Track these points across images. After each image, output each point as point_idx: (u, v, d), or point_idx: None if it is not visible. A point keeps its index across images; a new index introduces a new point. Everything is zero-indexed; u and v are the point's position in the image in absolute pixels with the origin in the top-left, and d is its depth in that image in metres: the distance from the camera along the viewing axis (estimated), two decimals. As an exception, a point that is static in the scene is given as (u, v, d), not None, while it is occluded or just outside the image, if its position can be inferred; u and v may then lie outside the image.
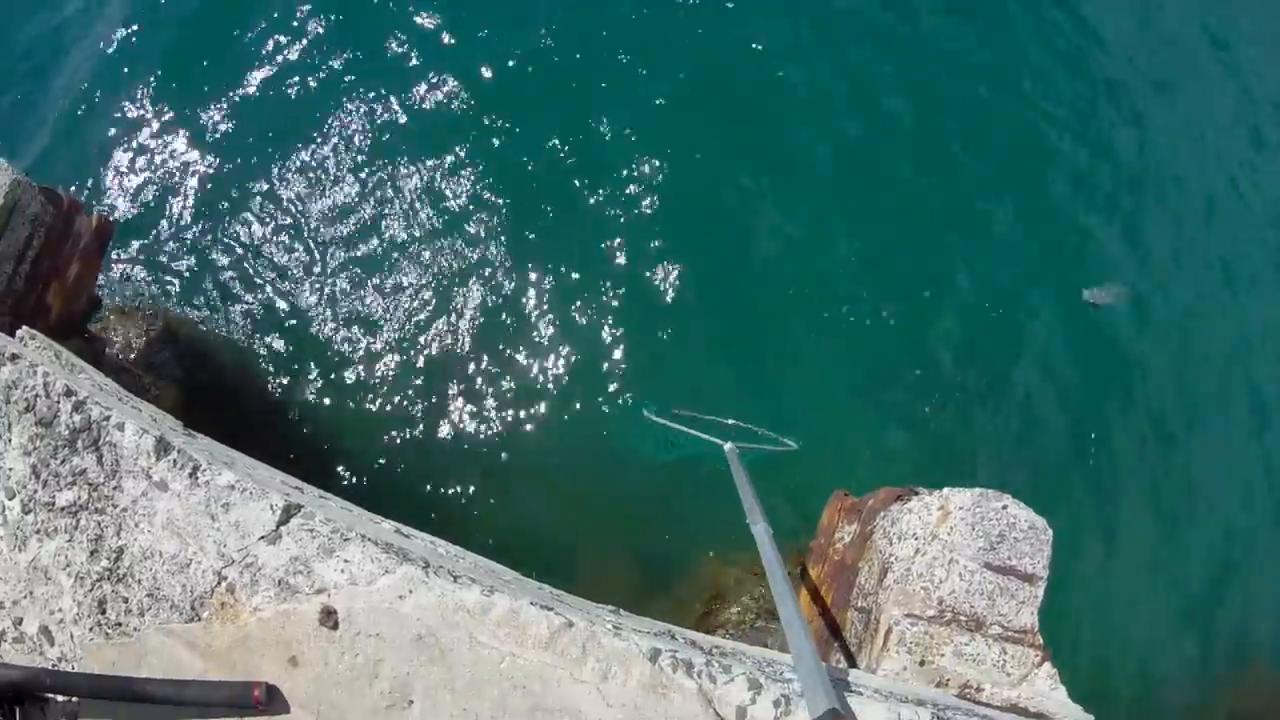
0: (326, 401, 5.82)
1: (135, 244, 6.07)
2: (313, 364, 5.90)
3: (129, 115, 6.51)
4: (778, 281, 6.55)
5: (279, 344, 5.93)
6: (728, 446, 4.03)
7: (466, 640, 2.24)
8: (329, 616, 2.38)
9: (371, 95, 6.71)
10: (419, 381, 5.93)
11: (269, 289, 6.06)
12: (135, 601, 2.68)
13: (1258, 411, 7.26)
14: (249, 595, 2.52)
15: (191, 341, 5.69)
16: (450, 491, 5.70)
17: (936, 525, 3.27)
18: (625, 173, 6.60)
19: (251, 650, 2.51)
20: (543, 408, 5.98)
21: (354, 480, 5.61)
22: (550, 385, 6.03)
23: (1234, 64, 8.18)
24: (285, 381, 5.84)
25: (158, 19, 6.87)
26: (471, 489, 5.74)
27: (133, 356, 5.25)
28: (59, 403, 2.85)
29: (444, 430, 5.84)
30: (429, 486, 5.69)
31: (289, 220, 6.26)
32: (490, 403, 5.93)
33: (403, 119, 6.63)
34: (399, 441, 5.79)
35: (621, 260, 6.43)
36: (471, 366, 6.02)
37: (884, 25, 7.60)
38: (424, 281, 6.19)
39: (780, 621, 2.53)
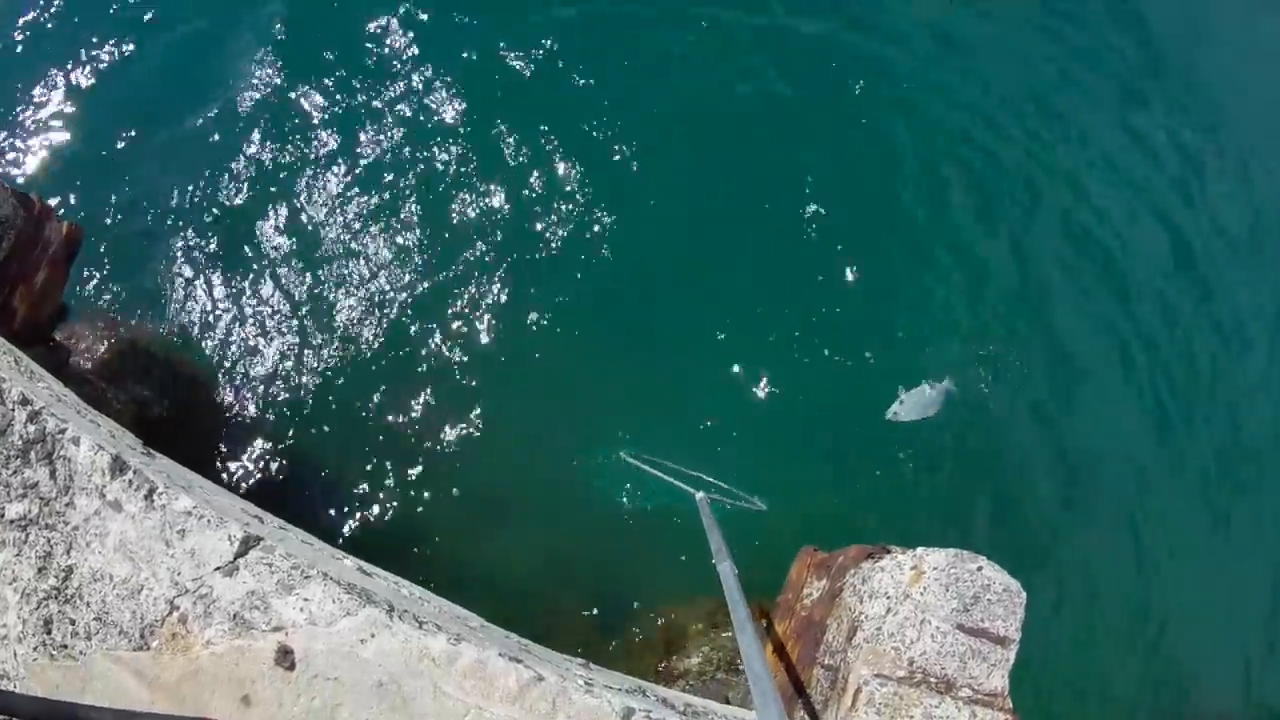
0: (292, 428, 5.65)
1: (104, 254, 5.90)
2: (279, 386, 5.74)
3: (102, 125, 6.36)
4: (750, 334, 6.48)
5: (244, 363, 5.76)
6: (699, 495, 3.99)
7: (430, 690, 2.15)
8: (285, 656, 2.28)
9: (354, 111, 6.60)
10: (389, 414, 5.77)
11: (237, 306, 5.91)
12: (83, 624, 2.57)
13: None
14: (202, 627, 2.41)
15: (156, 356, 5.53)
16: (416, 527, 5.53)
17: (909, 585, 3.23)
18: (610, 221, 6.56)
19: (202, 685, 2.39)
20: (512, 449, 5.86)
21: (316, 511, 5.45)
22: (521, 427, 5.91)
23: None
24: (250, 402, 5.68)
25: (136, 33, 6.77)
26: (438, 525, 5.58)
27: (95, 367, 5.10)
28: (14, 411, 2.74)
29: (411, 465, 5.67)
30: (395, 522, 5.52)
31: (260, 238, 6.12)
32: (459, 440, 5.79)
33: (387, 133, 6.52)
34: (366, 472, 5.62)
35: (595, 305, 6.37)
36: (443, 399, 5.87)
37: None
38: (398, 309, 6.06)
39: (741, 657, 2.48)
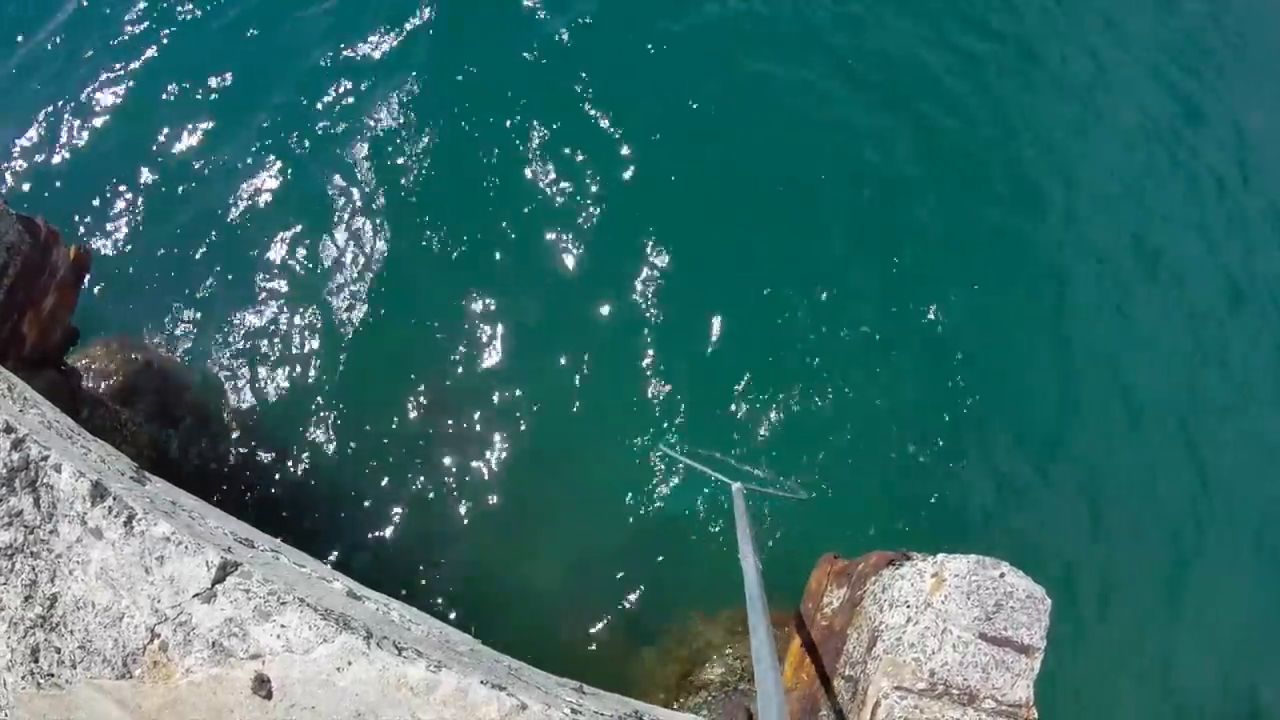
0: (306, 443, 5.60)
1: (115, 277, 5.91)
2: (293, 402, 5.70)
3: (109, 148, 6.38)
4: (785, 329, 6.35)
5: (257, 381, 5.73)
6: (736, 485, 3.86)
7: None
8: (262, 685, 2.19)
9: (371, 133, 6.58)
10: (409, 423, 5.70)
11: (248, 324, 5.89)
12: (68, 653, 2.51)
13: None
14: (181, 655, 2.33)
15: (169, 376, 5.51)
16: (438, 537, 5.45)
17: (930, 593, 3.07)
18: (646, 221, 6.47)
19: (181, 714, 2.32)
20: (531, 454, 5.76)
21: (329, 527, 5.38)
22: (537, 429, 5.82)
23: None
24: (263, 420, 5.65)
25: (143, 54, 6.79)
26: (460, 535, 5.49)
27: (109, 390, 5.10)
28: (-3, 440, 2.69)
29: (429, 479, 5.58)
30: (417, 533, 5.44)
31: (271, 257, 6.09)
32: (483, 447, 5.71)
33: (403, 145, 6.50)
34: (384, 485, 5.55)
35: (622, 299, 6.26)
36: (464, 408, 5.79)
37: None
38: (417, 321, 6.01)
39: (752, 655, 2.36)
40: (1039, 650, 3.15)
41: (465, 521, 5.54)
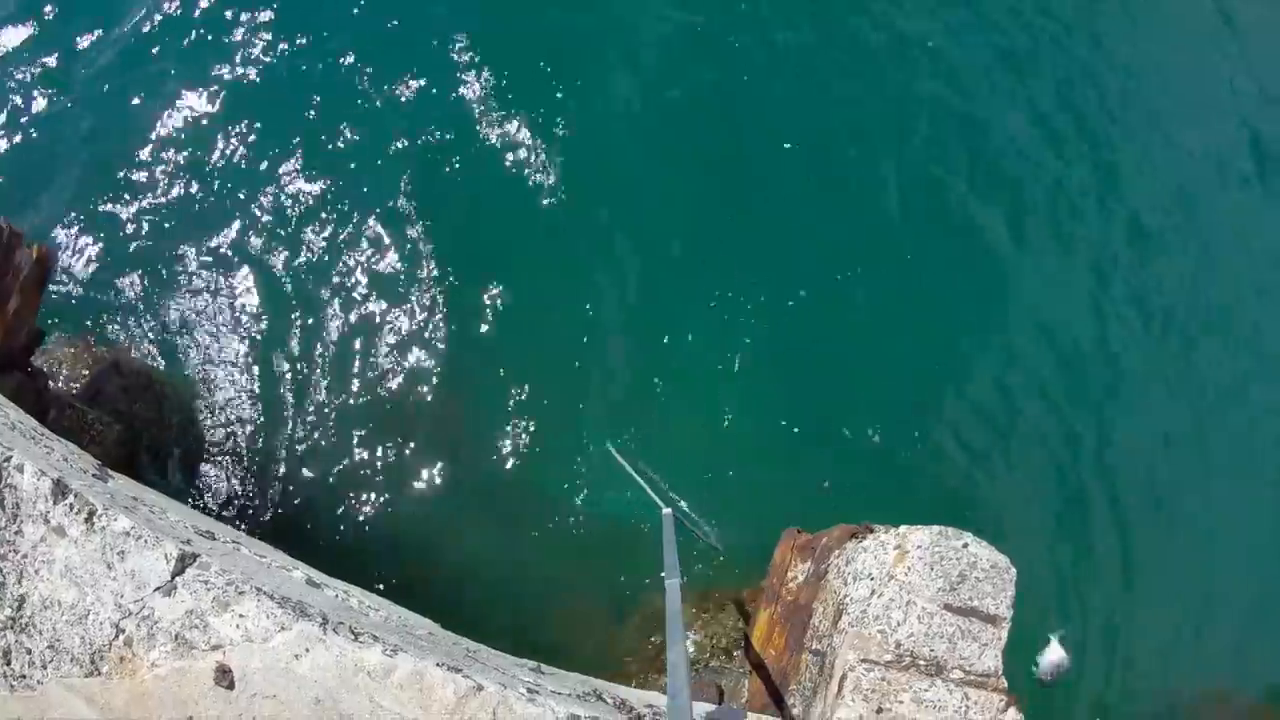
0: (270, 437, 5.60)
1: (78, 276, 5.88)
2: (258, 397, 5.69)
3: (69, 148, 6.30)
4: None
5: (224, 376, 5.72)
6: (666, 511, 3.89)
7: (367, 704, 2.07)
8: (224, 675, 2.21)
9: (341, 132, 6.51)
10: (367, 417, 5.68)
11: (215, 320, 5.86)
12: (38, 653, 2.51)
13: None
14: (146, 650, 2.35)
15: (137, 374, 5.49)
16: (399, 525, 5.44)
17: (893, 565, 3.10)
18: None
19: (149, 709, 2.33)
20: (506, 440, 5.76)
21: (288, 518, 5.40)
22: (517, 419, 5.82)
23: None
24: (229, 415, 5.64)
25: (99, 49, 6.70)
26: (422, 522, 5.48)
27: (76, 391, 5.08)
28: (-43, 443, 2.69)
29: (391, 464, 5.56)
30: (378, 522, 5.43)
31: (238, 253, 6.05)
32: (444, 441, 5.71)
33: (372, 154, 6.43)
34: (341, 479, 5.55)
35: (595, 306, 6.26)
36: (428, 397, 5.77)
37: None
38: (377, 315, 5.95)
39: (667, 670, 2.39)
40: (1005, 620, 3.18)
41: (432, 508, 5.54)
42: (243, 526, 5.27)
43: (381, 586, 2.89)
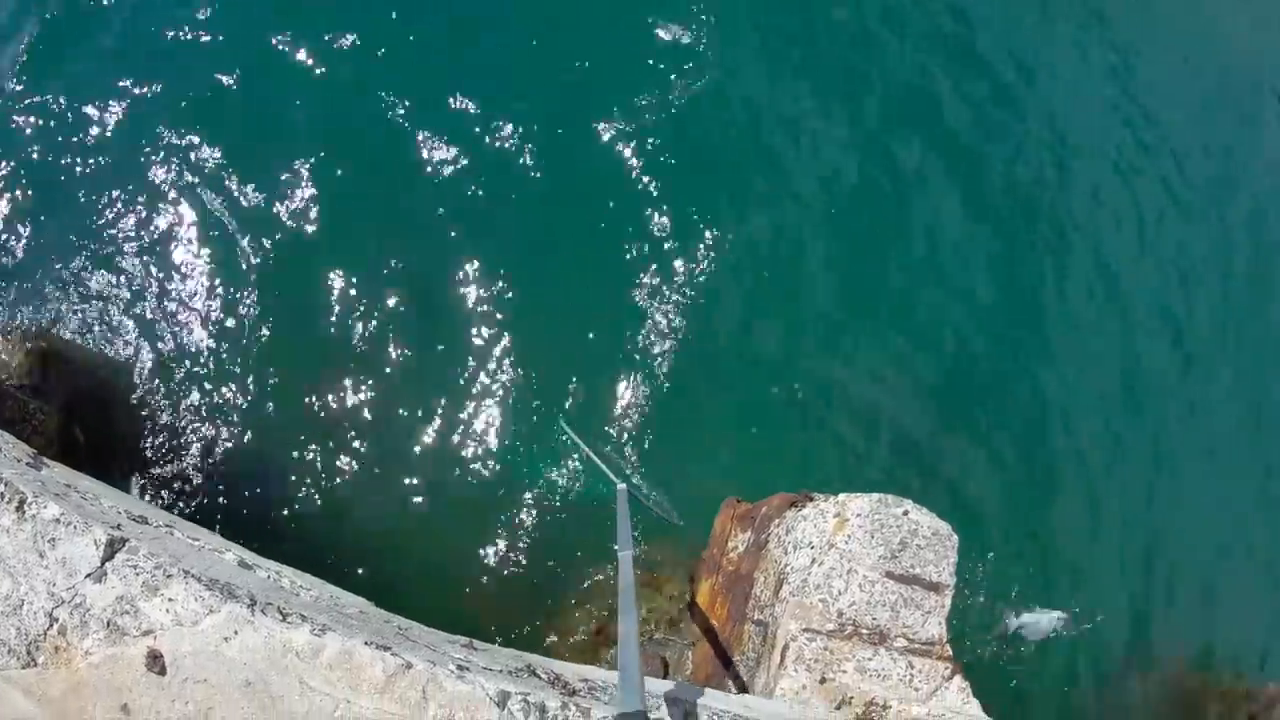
0: (210, 421, 5.55)
1: (12, 264, 5.78)
2: (199, 383, 5.63)
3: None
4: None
5: (164, 363, 5.64)
6: (621, 486, 3.91)
7: (297, 686, 2.07)
8: (155, 661, 2.20)
9: (270, 103, 6.40)
10: (310, 399, 5.62)
11: (154, 307, 5.77)
12: (-25, 646, 2.50)
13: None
14: (80, 638, 2.33)
15: (76, 362, 5.41)
16: (332, 507, 5.40)
17: (833, 533, 3.13)
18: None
19: (85, 698, 2.32)
20: (437, 418, 5.72)
21: (226, 501, 5.37)
22: (455, 395, 5.78)
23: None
24: (169, 401, 5.58)
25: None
26: (357, 504, 5.46)
27: (16, 381, 5.01)
28: (-112, 435, 2.66)
29: (330, 448, 5.53)
30: (307, 505, 5.39)
31: (175, 240, 5.94)
32: (379, 421, 5.66)
33: (301, 125, 6.32)
34: (281, 459, 5.49)
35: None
36: (367, 376, 5.74)
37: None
38: (318, 296, 5.90)
39: (618, 641, 2.42)
40: (949, 587, 3.22)
41: (370, 488, 5.51)
42: (183, 511, 5.26)
43: (317, 566, 2.89)
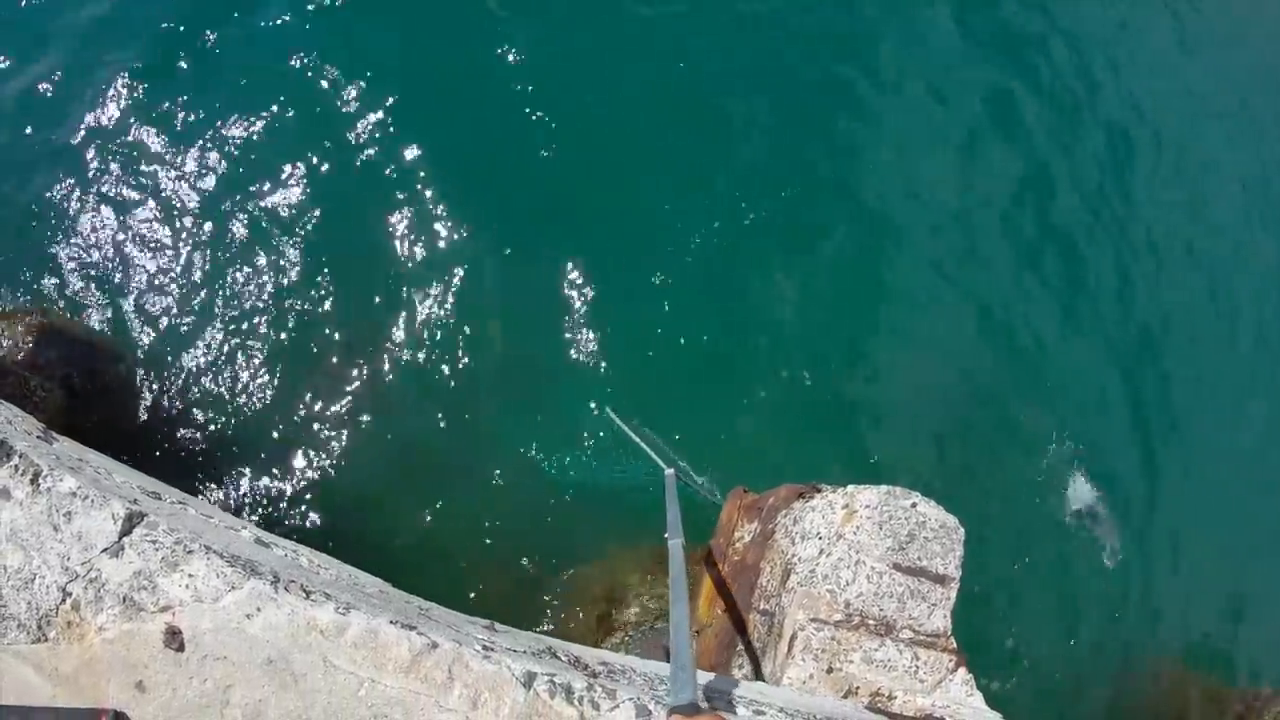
0: (218, 399, 5.50)
1: (13, 241, 5.71)
2: (205, 362, 5.58)
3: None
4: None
5: (167, 342, 5.59)
6: (669, 471, 3.93)
7: (320, 664, 2.06)
8: (174, 637, 2.19)
9: (296, 100, 6.33)
10: (317, 376, 5.58)
11: (157, 287, 5.71)
12: (-15, 620, 2.48)
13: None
14: (94, 613, 2.31)
15: (79, 341, 5.36)
16: (346, 489, 5.38)
17: (841, 524, 3.16)
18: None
19: (98, 674, 2.31)
20: (456, 402, 5.70)
21: (235, 481, 5.33)
22: (462, 377, 5.76)
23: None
24: (173, 380, 5.52)
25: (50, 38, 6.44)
26: (368, 485, 5.44)
27: (18, 358, 4.96)
28: (-103, 407, 2.63)
29: (340, 425, 5.48)
30: (320, 486, 5.37)
31: (179, 222, 5.87)
32: (392, 397, 5.64)
33: (318, 127, 6.27)
34: (290, 439, 5.46)
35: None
36: (376, 349, 5.71)
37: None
38: (344, 258, 5.87)
39: (670, 627, 2.43)
40: (954, 580, 3.25)
41: (381, 469, 5.51)
42: (186, 490, 5.21)
43: (332, 544, 2.87)
